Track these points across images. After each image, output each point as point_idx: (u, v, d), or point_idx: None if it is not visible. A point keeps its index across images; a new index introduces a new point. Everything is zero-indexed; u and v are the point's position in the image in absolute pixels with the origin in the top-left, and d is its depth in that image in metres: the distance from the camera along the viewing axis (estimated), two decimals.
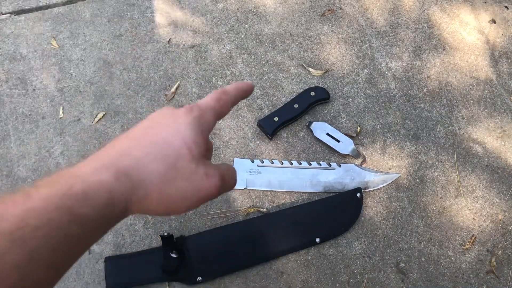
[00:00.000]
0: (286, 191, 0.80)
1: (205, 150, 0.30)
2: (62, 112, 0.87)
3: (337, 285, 0.73)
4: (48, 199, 0.22)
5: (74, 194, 0.23)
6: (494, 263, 0.75)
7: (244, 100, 0.88)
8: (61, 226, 0.22)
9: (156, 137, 0.28)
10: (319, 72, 0.91)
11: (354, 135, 0.84)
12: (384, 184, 0.80)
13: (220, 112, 0.33)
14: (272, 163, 0.81)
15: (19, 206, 0.22)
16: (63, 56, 0.93)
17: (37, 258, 0.21)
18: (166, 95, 0.89)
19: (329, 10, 0.98)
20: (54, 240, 0.22)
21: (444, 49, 0.94)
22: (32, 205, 0.22)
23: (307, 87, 0.88)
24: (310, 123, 0.84)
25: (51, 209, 0.22)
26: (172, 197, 0.28)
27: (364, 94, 0.89)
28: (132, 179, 0.26)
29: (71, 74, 0.91)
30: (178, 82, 0.90)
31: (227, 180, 0.31)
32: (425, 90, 0.89)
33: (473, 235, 0.77)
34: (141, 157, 0.27)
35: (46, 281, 0.23)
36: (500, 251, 0.76)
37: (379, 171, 0.81)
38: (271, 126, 0.83)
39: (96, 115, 0.87)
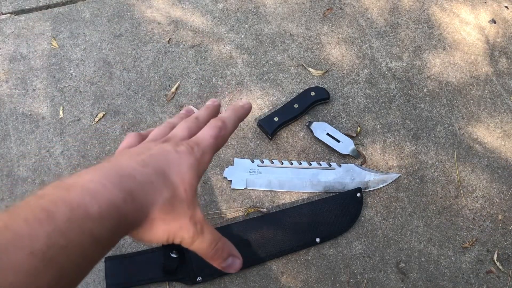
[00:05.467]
0: (286, 191, 0.80)
1: (196, 191, 0.32)
2: (62, 112, 0.87)
3: (337, 285, 0.73)
4: (73, 221, 0.23)
5: (93, 217, 0.24)
6: (494, 263, 0.75)
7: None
8: (83, 246, 0.24)
9: (159, 169, 0.29)
10: (319, 72, 0.91)
11: (354, 135, 0.84)
12: (384, 184, 0.80)
13: (218, 148, 0.34)
14: (272, 163, 0.81)
15: (45, 226, 0.22)
16: (63, 56, 0.93)
17: (65, 277, 0.23)
18: (166, 95, 0.89)
19: (329, 10, 0.98)
20: (77, 259, 0.24)
21: (444, 49, 0.94)
22: (58, 225, 0.23)
23: (307, 87, 0.88)
24: (310, 123, 0.84)
25: (76, 232, 0.23)
26: (167, 229, 0.29)
27: (364, 94, 0.89)
28: (136, 204, 0.27)
29: (71, 74, 0.91)
30: (178, 82, 0.90)
31: (208, 237, 0.31)
32: (425, 90, 0.89)
33: (473, 235, 0.77)
34: (145, 184, 0.28)
35: None
36: (500, 251, 0.76)
37: (379, 171, 0.81)
38: (271, 126, 0.83)
39: (96, 115, 0.87)
